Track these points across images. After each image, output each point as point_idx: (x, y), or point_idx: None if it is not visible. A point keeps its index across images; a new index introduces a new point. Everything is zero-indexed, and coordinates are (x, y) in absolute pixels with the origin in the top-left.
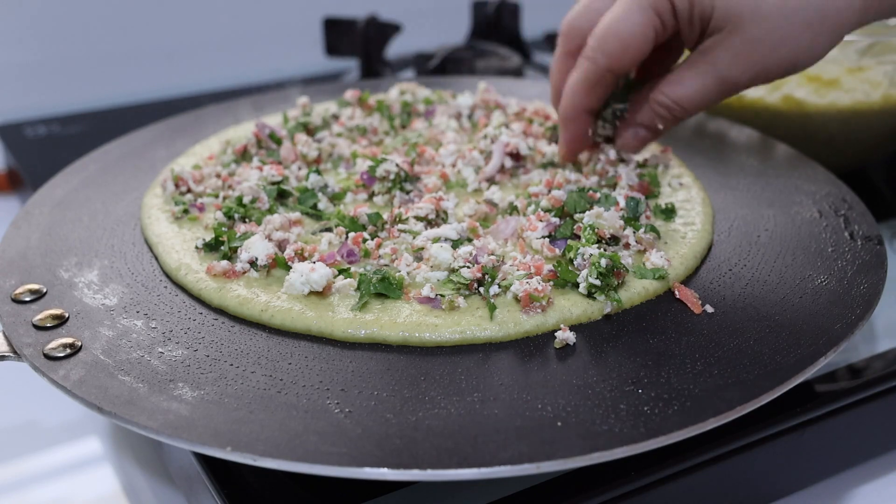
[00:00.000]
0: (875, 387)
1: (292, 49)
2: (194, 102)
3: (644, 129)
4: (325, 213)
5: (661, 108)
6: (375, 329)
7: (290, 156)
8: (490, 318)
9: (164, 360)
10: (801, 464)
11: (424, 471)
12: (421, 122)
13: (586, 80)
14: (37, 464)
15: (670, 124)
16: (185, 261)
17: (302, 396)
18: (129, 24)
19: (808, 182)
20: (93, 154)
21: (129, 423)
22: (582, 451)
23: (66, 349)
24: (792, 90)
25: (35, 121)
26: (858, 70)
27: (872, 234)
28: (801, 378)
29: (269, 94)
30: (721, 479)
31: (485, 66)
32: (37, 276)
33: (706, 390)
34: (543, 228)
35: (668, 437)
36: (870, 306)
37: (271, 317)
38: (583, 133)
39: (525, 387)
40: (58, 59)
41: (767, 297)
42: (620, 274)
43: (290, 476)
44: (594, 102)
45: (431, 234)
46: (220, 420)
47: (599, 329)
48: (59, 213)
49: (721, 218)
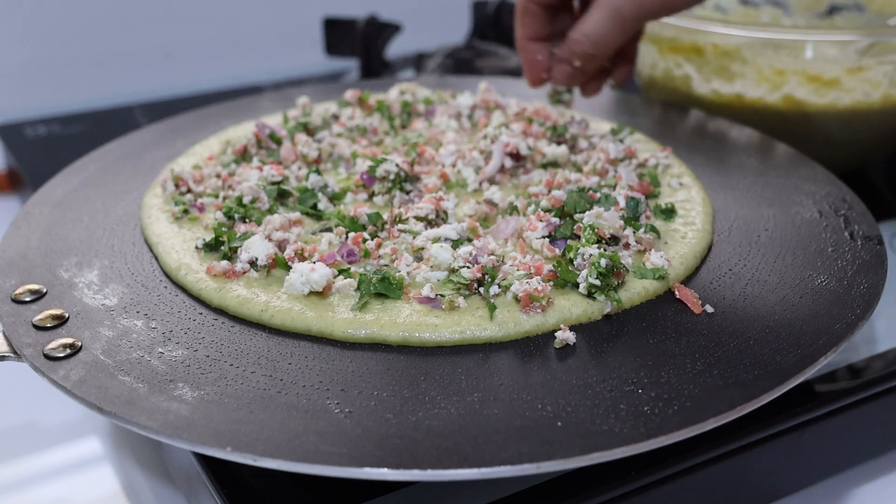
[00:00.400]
0: (875, 387)
1: (292, 49)
2: (194, 102)
3: (566, 64)
4: (325, 213)
5: (574, 43)
6: (375, 329)
7: (290, 156)
8: (490, 318)
9: (164, 361)
10: (801, 464)
11: (424, 471)
12: (421, 122)
13: (517, 10)
14: (37, 464)
15: (587, 61)
16: (185, 261)
17: (302, 396)
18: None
19: (808, 182)
20: (93, 154)
21: (129, 423)
22: (582, 451)
23: (66, 349)
24: (792, 90)
25: (35, 121)
26: (858, 70)
27: (872, 234)
28: (801, 378)
29: (269, 95)
30: (721, 479)
31: (485, 66)
32: (37, 276)
33: (706, 390)
34: (543, 228)
35: (668, 437)
36: (870, 306)
37: (271, 317)
38: (532, 60)
39: (525, 387)
40: (58, 59)
41: (767, 297)
42: (620, 274)
43: (290, 476)
44: (528, 31)
45: (431, 234)
46: (220, 420)
47: (599, 329)
48: (59, 213)
49: (721, 218)
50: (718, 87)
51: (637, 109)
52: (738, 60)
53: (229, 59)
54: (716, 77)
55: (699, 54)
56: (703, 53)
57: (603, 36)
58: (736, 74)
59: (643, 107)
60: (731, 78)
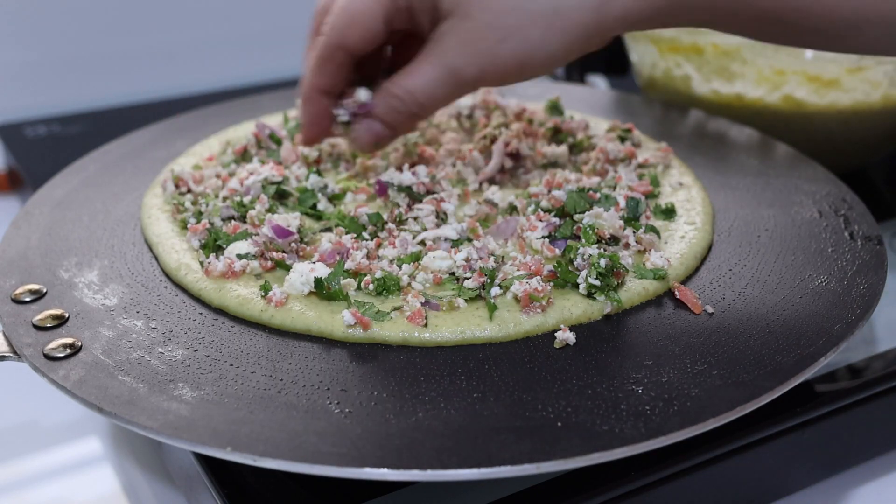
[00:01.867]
0: (875, 387)
1: (292, 49)
2: (194, 102)
3: (379, 122)
4: (324, 213)
5: (395, 100)
6: (375, 329)
7: (291, 156)
8: (490, 318)
9: (164, 361)
10: (801, 464)
11: (424, 471)
12: (421, 122)
13: (318, 56)
14: (37, 464)
15: (407, 121)
16: (185, 261)
17: (302, 396)
18: (129, 24)
19: (808, 182)
20: (93, 154)
21: (129, 423)
22: (582, 451)
23: (66, 349)
24: (792, 90)
25: (35, 121)
26: (858, 70)
27: (872, 234)
28: (801, 378)
29: (269, 94)
30: (721, 479)
31: None
32: (37, 276)
33: (706, 390)
34: (543, 228)
35: (668, 437)
36: (870, 306)
37: (271, 317)
38: (319, 115)
39: (525, 387)
40: (58, 59)
41: (767, 297)
42: (620, 274)
43: (290, 476)
44: (328, 81)
45: (432, 234)
46: (220, 420)
47: (599, 329)
48: (59, 213)
49: (721, 218)
50: (718, 87)
51: (637, 109)
52: (738, 60)
53: (229, 59)
54: (716, 77)
55: (699, 54)
56: (703, 53)
57: (433, 97)
58: (736, 74)
59: (643, 107)
60: (731, 78)
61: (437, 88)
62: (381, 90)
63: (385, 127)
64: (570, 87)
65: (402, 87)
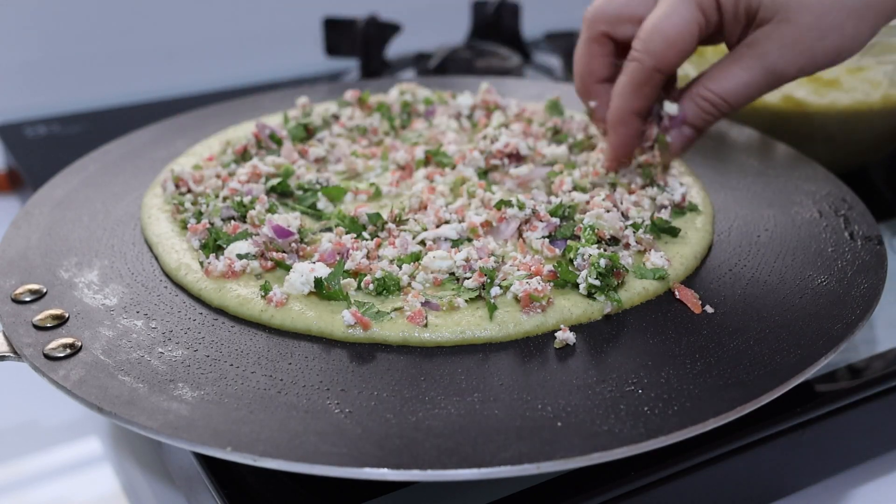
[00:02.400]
0: (875, 387)
1: (292, 49)
2: (194, 102)
3: (689, 127)
4: (325, 213)
5: (706, 104)
6: (375, 329)
7: (291, 156)
8: (490, 318)
9: (164, 361)
10: (801, 464)
11: (424, 471)
12: (421, 123)
13: (634, 81)
14: (37, 464)
15: (714, 121)
16: (185, 261)
17: (302, 396)
18: (129, 24)
19: (808, 182)
20: (93, 154)
21: (129, 423)
22: (582, 451)
23: (66, 349)
24: (792, 90)
25: (35, 121)
26: (858, 70)
27: (872, 234)
28: (801, 378)
29: (269, 94)
30: (721, 479)
31: (485, 66)
32: (37, 276)
33: (706, 390)
34: (543, 228)
35: (668, 437)
36: (870, 306)
37: (271, 317)
38: (632, 136)
39: (525, 387)
40: (58, 59)
41: (767, 297)
42: (620, 274)
43: (290, 476)
44: (643, 104)
45: (432, 234)
46: (220, 420)
47: (599, 329)
48: (59, 213)
49: (721, 218)
50: None
51: None
52: None
53: (229, 59)
54: None
55: (699, 54)
56: (703, 53)
57: (746, 97)
58: None
59: None
60: None
61: (752, 89)
62: (690, 95)
63: (694, 130)
64: (570, 87)
65: (715, 92)
